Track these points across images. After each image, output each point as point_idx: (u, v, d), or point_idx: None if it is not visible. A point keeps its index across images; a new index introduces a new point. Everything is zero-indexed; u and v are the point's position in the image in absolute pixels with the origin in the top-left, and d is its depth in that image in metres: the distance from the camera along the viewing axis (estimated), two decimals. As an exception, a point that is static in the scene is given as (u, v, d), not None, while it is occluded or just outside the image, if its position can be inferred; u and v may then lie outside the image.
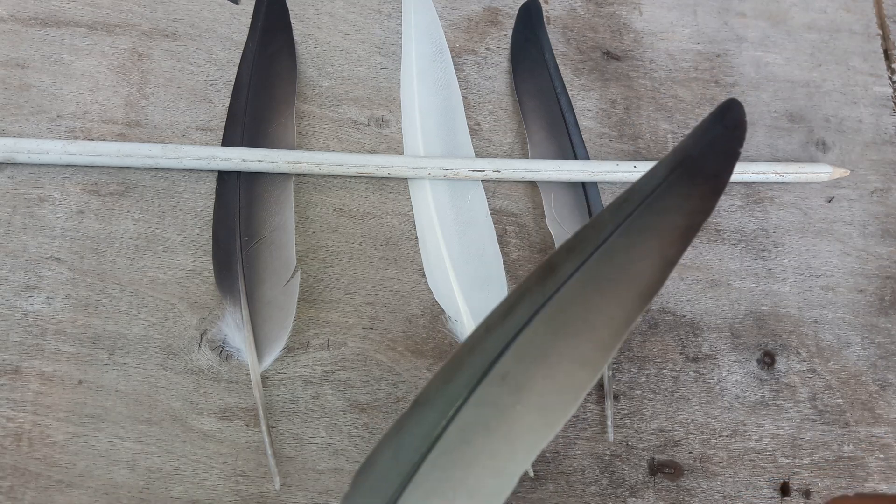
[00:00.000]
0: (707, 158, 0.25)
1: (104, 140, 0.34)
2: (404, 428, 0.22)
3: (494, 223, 0.35)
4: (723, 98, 0.40)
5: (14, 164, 0.33)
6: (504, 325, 0.23)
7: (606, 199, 0.36)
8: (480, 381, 0.22)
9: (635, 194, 0.24)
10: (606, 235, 0.24)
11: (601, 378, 0.33)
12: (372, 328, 0.33)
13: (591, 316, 0.23)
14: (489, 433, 0.22)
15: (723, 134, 0.26)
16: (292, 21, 0.38)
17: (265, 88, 0.36)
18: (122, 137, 0.35)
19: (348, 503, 0.21)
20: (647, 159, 0.38)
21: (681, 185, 0.24)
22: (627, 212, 0.24)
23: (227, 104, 0.36)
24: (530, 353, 0.22)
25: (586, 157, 0.37)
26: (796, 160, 0.39)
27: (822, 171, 0.37)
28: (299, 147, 0.36)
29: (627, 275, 0.23)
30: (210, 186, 0.34)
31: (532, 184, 0.37)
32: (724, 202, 0.38)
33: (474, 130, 0.37)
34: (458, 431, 0.22)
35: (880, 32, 0.43)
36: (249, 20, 0.38)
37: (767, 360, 0.35)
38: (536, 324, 0.23)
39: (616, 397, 0.33)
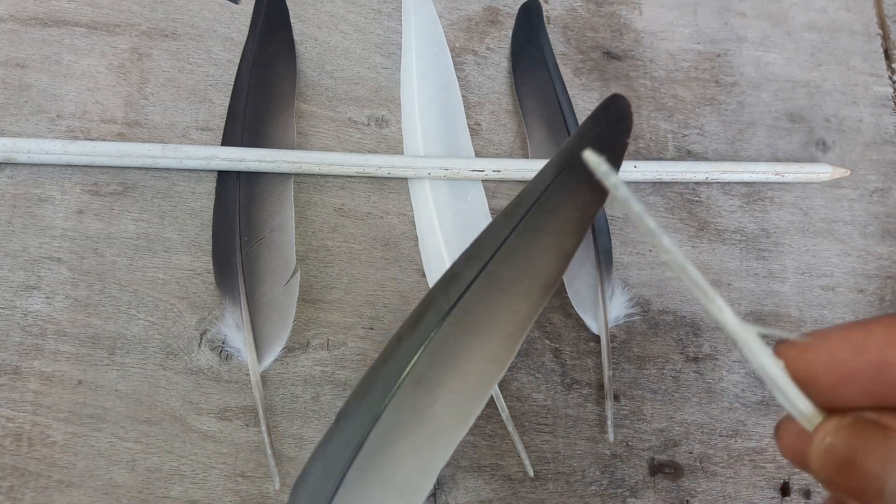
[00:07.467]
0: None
1: (104, 140, 0.34)
2: (331, 440, 0.23)
3: (494, 223, 0.35)
4: (724, 97, 0.40)
5: (14, 164, 0.33)
6: (414, 333, 0.24)
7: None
8: (397, 388, 0.23)
9: (526, 198, 0.25)
10: (503, 238, 0.25)
11: (601, 378, 0.33)
12: (372, 328, 0.33)
13: (495, 314, 0.24)
14: (410, 434, 0.23)
15: (608, 128, 0.27)
16: (292, 21, 0.38)
17: (265, 88, 0.35)
18: (122, 137, 0.35)
19: None
20: (647, 159, 0.38)
21: (570, 182, 0.25)
22: (521, 214, 0.25)
23: (227, 104, 0.36)
24: (441, 356, 0.24)
25: (586, 157, 0.37)
26: (796, 160, 0.39)
27: (822, 171, 0.37)
28: (299, 147, 0.36)
29: (528, 271, 0.24)
30: (210, 186, 0.34)
31: (532, 184, 0.37)
32: (725, 202, 0.38)
33: (474, 130, 0.37)
34: (380, 436, 0.23)
35: (880, 32, 0.43)
36: (249, 20, 0.38)
37: (768, 360, 0.35)
38: (444, 328, 0.24)
39: (616, 397, 0.33)
